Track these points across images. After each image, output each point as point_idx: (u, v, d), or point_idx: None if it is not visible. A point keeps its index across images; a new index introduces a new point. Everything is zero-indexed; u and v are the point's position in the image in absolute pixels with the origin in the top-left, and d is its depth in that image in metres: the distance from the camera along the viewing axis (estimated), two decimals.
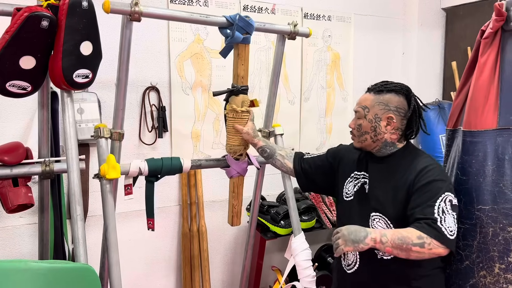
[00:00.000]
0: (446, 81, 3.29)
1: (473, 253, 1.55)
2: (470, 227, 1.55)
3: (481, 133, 1.55)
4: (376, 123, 1.54)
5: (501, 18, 1.52)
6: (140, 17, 1.50)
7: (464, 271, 1.57)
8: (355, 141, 1.63)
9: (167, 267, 2.66)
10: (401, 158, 1.56)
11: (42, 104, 1.65)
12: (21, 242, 2.24)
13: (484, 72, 1.56)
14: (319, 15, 2.92)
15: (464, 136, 1.61)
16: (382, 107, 1.54)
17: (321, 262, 2.82)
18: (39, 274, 1.18)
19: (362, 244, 1.38)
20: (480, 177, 1.54)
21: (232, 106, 1.73)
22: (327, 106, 3.03)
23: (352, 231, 1.40)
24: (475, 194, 1.55)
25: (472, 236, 1.55)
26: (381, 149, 1.57)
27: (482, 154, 1.54)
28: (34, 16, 1.31)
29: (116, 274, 1.48)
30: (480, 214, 1.53)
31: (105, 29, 2.18)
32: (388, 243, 1.36)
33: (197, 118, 2.61)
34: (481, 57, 1.58)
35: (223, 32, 1.70)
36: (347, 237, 1.40)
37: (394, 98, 1.54)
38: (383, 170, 1.57)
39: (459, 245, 1.58)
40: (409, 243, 1.34)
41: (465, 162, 1.60)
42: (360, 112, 1.58)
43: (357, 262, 1.58)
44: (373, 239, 1.37)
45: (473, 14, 3.04)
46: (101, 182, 1.54)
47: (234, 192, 1.93)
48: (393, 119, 1.52)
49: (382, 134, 1.54)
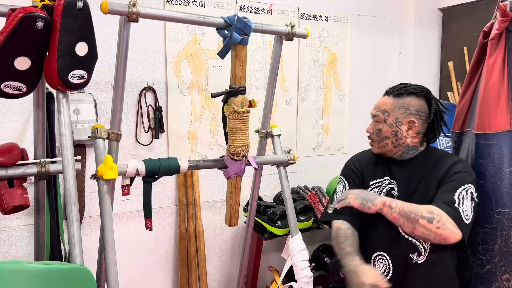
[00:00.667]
0: (443, 81, 3.30)
1: (495, 257, 1.52)
2: (490, 231, 1.52)
3: (496, 135, 1.53)
4: (397, 128, 1.51)
5: (507, 19, 1.51)
6: (138, 17, 1.49)
7: (485, 276, 1.55)
8: (375, 146, 1.59)
9: (164, 267, 2.66)
10: (425, 159, 1.53)
11: (37, 105, 1.64)
12: (17, 243, 2.23)
13: (494, 74, 1.55)
14: (316, 16, 2.92)
15: (478, 139, 1.59)
16: (403, 111, 1.50)
17: (318, 262, 2.82)
18: (34, 275, 1.18)
19: (370, 203, 1.38)
20: (498, 180, 1.52)
21: (234, 108, 1.72)
22: (324, 106, 3.04)
23: (364, 192, 1.42)
24: (494, 197, 1.52)
25: (492, 240, 1.52)
26: (404, 154, 1.54)
27: (498, 157, 1.52)
28: (29, 17, 1.30)
29: (113, 274, 1.47)
30: (500, 217, 1.50)
31: (100, 30, 2.18)
32: (396, 209, 1.35)
33: (194, 118, 2.61)
34: (489, 58, 1.56)
35: (221, 33, 1.70)
36: (357, 195, 1.41)
37: (414, 101, 1.51)
38: (409, 173, 1.53)
39: (479, 250, 1.55)
40: (418, 214, 1.32)
41: (480, 165, 1.57)
42: (380, 116, 1.54)
43: (390, 270, 1.51)
44: (383, 201, 1.38)
45: (469, 15, 3.04)
46: (99, 183, 1.54)
47: (232, 193, 1.93)
48: (415, 123, 1.50)
49: (404, 138, 1.51)
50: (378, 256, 1.54)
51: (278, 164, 2.03)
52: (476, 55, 1.65)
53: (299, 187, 2.85)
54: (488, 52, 1.57)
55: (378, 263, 1.54)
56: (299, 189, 2.80)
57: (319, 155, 3.04)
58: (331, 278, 2.66)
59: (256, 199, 2.23)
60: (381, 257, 1.53)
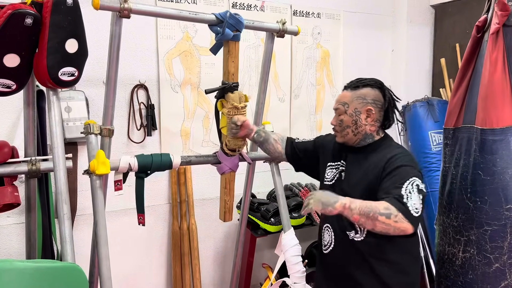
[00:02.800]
0: (435, 77, 3.31)
1: (504, 255, 1.50)
2: (499, 228, 1.50)
3: (503, 130, 1.52)
4: (357, 117, 1.62)
5: (506, 13, 1.52)
6: (130, 14, 1.49)
7: (493, 275, 1.52)
8: (338, 136, 1.71)
9: (157, 265, 2.66)
10: (377, 148, 1.64)
11: (27, 103, 1.64)
12: (8, 242, 2.22)
13: (498, 68, 1.54)
14: (308, 12, 2.92)
15: (484, 135, 1.56)
16: (360, 101, 1.63)
17: (312, 259, 2.83)
18: (25, 273, 1.18)
19: (331, 207, 1.44)
20: (507, 176, 1.49)
21: (233, 104, 1.73)
22: (317, 103, 3.04)
23: (325, 195, 1.49)
24: (503, 194, 1.50)
25: (502, 237, 1.50)
26: (361, 142, 1.66)
27: (507, 152, 1.50)
28: (18, 13, 1.29)
29: (106, 269, 1.47)
30: (510, 214, 1.48)
31: (91, 27, 2.17)
32: (356, 210, 1.42)
33: (187, 116, 2.60)
34: (492, 53, 1.56)
35: (213, 29, 1.70)
36: (318, 198, 1.47)
37: (370, 92, 1.63)
38: (359, 158, 1.65)
39: (486, 248, 1.52)
40: (376, 212, 1.39)
41: (488, 161, 1.54)
42: (341, 109, 1.66)
43: (332, 243, 1.65)
44: (343, 204, 1.44)
45: (461, 11, 3.06)
46: (91, 178, 1.53)
47: (226, 188, 1.93)
48: (372, 111, 1.61)
49: (363, 126, 1.62)
50: (326, 227, 1.69)
51: (270, 160, 2.03)
52: (468, 50, 1.65)
53: (292, 184, 2.86)
54: (491, 47, 1.57)
55: (325, 233, 1.69)
56: (292, 186, 2.81)
57: None
58: None
59: (249, 196, 2.23)
60: (327, 228, 1.68)
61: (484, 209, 1.52)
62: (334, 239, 1.65)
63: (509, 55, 1.55)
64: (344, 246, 1.61)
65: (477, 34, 1.61)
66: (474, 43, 1.64)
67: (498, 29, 1.54)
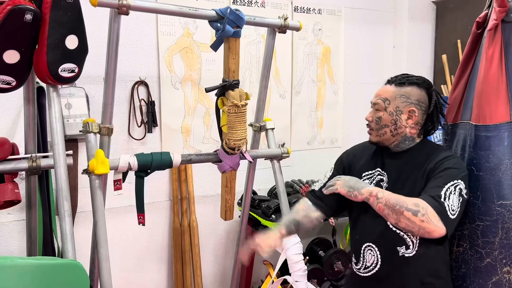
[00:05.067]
0: (437, 74, 3.30)
1: (495, 250, 1.50)
2: (491, 223, 1.50)
3: (496, 126, 1.51)
4: (397, 116, 1.49)
5: (504, 9, 1.50)
6: (128, 10, 1.47)
7: (485, 269, 1.52)
8: (373, 134, 1.57)
9: (158, 262, 2.66)
10: (419, 152, 1.52)
11: (27, 99, 1.63)
12: (9, 239, 2.22)
13: (493, 65, 1.52)
14: (309, 8, 2.91)
15: (477, 131, 1.55)
16: (403, 100, 1.49)
17: (313, 255, 2.83)
18: (26, 270, 1.17)
19: (357, 191, 1.39)
20: (499, 172, 1.49)
21: (234, 102, 1.71)
22: (318, 100, 3.03)
23: (353, 180, 1.43)
24: (495, 190, 1.49)
25: (493, 232, 1.50)
26: (400, 144, 1.53)
27: (499, 148, 1.50)
28: (17, 9, 1.28)
29: (106, 269, 1.47)
30: (502, 210, 1.48)
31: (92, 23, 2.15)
32: (382, 200, 1.35)
33: (187, 112, 2.59)
34: (489, 49, 1.54)
35: (213, 25, 1.68)
36: (346, 182, 1.42)
37: (416, 91, 1.50)
38: (401, 165, 1.52)
39: (478, 243, 1.52)
40: (403, 206, 1.31)
41: (481, 157, 1.54)
42: (380, 104, 1.52)
43: (378, 263, 1.50)
44: (370, 191, 1.38)
45: (463, 7, 3.04)
46: (90, 178, 1.53)
47: (227, 187, 1.92)
48: (415, 112, 1.49)
49: (403, 128, 1.50)
50: (367, 247, 1.53)
51: (272, 158, 2.02)
52: (469, 46, 1.64)
53: (293, 181, 2.85)
54: (487, 43, 1.55)
55: (367, 254, 1.54)
56: (293, 183, 2.80)
57: (313, 149, 3.03)
58: (325, 271, 2.67)
59: (250, 193, 2.22)
60: (370, 248, 1.52)
61: (477, 204, 1.52)
62: (381, 259, 1.48)
63: (507, 52, 1.53)
64: (394, 264, 1.46)
65: (477, 30, 1.60)
66: (474, 39, 1.63)
67: (495, 25, 1.52)
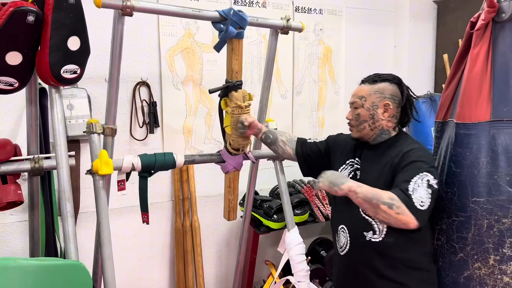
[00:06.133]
0: (438, 73, 3.30)
1: (468, 246, 1.53)
2: (465, 219, 1.54)
3: (475, 125, 1.54)
4: (374, 111, 1.60)
5: (493, 10, 1.52)
6: (132, 11, 1.48)
7: (458, 264, 1.56)
8: (354, 131, 1.67)
9: (160, 262, 2.66)
10: (392, 144, 1.61)
11: (30, 101, 1.63)
12: (12, 240, 2.22)
13: (477, 64, 1.55)
14: (310, 9, 2.91)
15: (457, 129, 1.60)
16: (378, 95, 1.60)
17: (315, 255, 2.83)
18: (28, 271, 1.18)
19: (337, 187, 1.46)
20: (475, 170, 1.52)
21: (237, 103, 1.71)
22: (319, 100, 3.03)
23: (334, 175, 1.50)
24: (470, 187, 1.53)
25: (466, 228, 1.54)
26: (377, 137, 1.63)
27: (476, 147, 1.53)
28: (20, 11, 1.29)
29: (109, 269, 1.47)
30: (475, 207, 1.52)
31: (94, 24, 2.16)
32: (361, 195, 1.42)
33: (189, 113, 2.59)
34: (474, 49, 1.57)
35: (216, 26, 1.68)
36: (327, 177, 1.49)
37: (388, 86, 1.61)
38: (374, 156, 1.62)
39: (453, 238, 1.57)
40: (379, 199, 1.39)
41: (458, 154, 1.59)
42: (358, 102, 1.63)
43: (348, 244, 1.62)
44: (349, 186, 1.45)
45: (464, 7, 3.04)
46: (94, 178, 1.53)
47: (230, 187, 1.92)
48: (390, 105, 1.59)
49: (380, 121, 1.60)
50: (341, 229, 1.65)
51: (274, 158, 2.02)
52: (462, 46, 1.66)
53: (295, 181, 2.85)
54: (473, 43, 1.58)
55: (339, 234, 1.66)
56: (294, 183, 2.80)
57: None
58: (327, 271, 2.67)
59: (252, 194, 2.22)
60: (343, 230, 1.64)
61: (453, 200, 1.56)
62: (350, 241, 1.61)
63: (494, 52, 1.55)
64: (361, 247, 1.58)
65: (470, 30, 1.62)
66: (467, 39, 1.65)
67: (483, 25, 1.55)
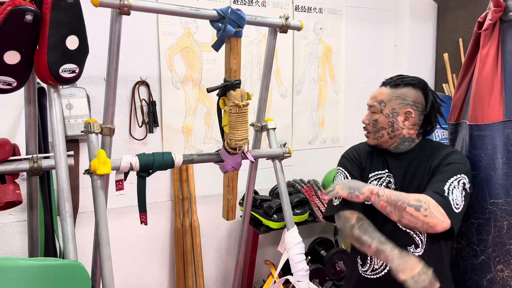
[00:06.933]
0: (438, 72, 3.29)
1: (489, 248, 1.52)
2: (484, 221, 1.52)
3: (489, 126, 1.52)
4: (394, 118, 1.49)
5: (500, 9, 1.50)
6: (130, 10, 1.47)
7: (480, 266, 1.54)
8: (370, 137, 1.57)
9: (160, 262, 2.66)
10: (421, 151, 1.51)
11: (28, 100, 1.62)
12: (11, 240, 2.22)
13: (487, 65, 1.54)
14: (310, 8, 2.90)
15: (471, 130, 1.58)
16: (399, 102, 1.49)
17: (315, 255, 2.83)
18: (27, 271, 1.17)
19: (358, 191, 1.37)
20: (491, 171, 1.51)
21: (235, 102, 1.70)
22: (319, 99, 3.02)
23: (353, 181, 1.41)
24: (487, 188, 1.52)
25: (486, 230, 1.52)
26: (399, 145, 1.53)
27: (491, 148, 1.51)
28: (18, 10, 1.28)
29: (108, 270, 1.46)
30: (494, 208, 1.50)
31: (92, 23, 2.15)
32: (384, 197, 1.34)
33: (188, 112, 2.59)
34: (482, 49, 1.55)
35: (214, 25, 1.67)
36: (346, 183, 1.40)
37: (411, 92, 1.50)
38: (405, 166, 1.52)
39: (473, 240, 1.55)
40: (405, 202, 1.31)
41: (474, 156, 1.57)
42: (376, 107, 1.52)
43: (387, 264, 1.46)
44: (371, 189, 1.37)
45: (464, 6, 3.03)
46: (92, 178, 1.52)
47: (229, 187, 1.92)
48: (412, 113, 1.48)
49: (400, 129, 1.49)
50: None
51: (273, 158, 2.02)
52: (471, 46, 1.64)
53: (294, 180, 2.85)
54: (482, 43, 1.56)
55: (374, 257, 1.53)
56: (294, 183, 2.80)
57: (315, 148, 3.03)
58: (327, 271, 2.67)
59: (252, 193, 2.22)
60: None
61: (471, 202, 1.53)
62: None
63: (504, 51, 1.53)
64: None
65: (478, 30, 1.61)
66: (475, 39, 1.63)
67: (490, 25, 1.53)
